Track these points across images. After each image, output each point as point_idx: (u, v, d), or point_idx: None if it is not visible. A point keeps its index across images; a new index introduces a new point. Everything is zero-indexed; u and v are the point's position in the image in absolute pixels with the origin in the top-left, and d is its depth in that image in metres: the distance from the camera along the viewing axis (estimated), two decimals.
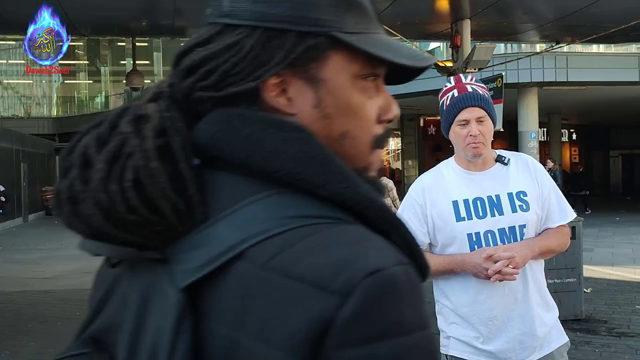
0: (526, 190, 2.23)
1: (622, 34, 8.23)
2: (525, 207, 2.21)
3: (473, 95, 2.22)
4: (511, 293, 2.17)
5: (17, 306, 7.93)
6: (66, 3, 6.56)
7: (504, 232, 2.20)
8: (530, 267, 2.20)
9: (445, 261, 2.23)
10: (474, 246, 2.20)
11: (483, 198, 2.23)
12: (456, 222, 2.21)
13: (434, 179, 2.35)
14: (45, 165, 25.90)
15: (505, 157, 2.29)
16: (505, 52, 15.47)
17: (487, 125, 2.23)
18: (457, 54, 7.33)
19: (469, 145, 2.21)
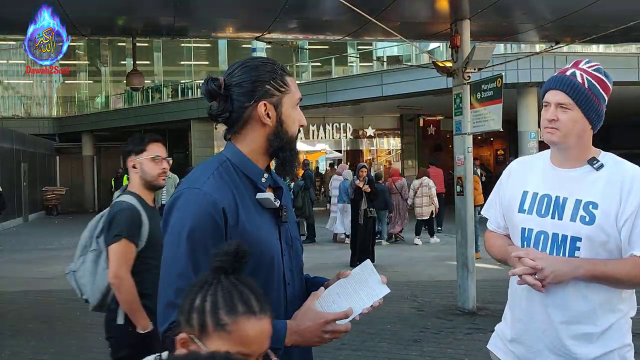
0: (599, 203, 1.96)
1: (622, 34, 8.22)
2: (587, 220, 1.96)
3: (562, 79, 2.01)
4: (543, 306, 2.02)
5: (18, 306, 7.94)
6: (66, 3, 6.56)
7: (556, 239, 2.00)
8: (578, 290, 1.96)
9: (502, 250, 2.19)
10: (524, 242, 2.08)
11: (551, 196, 2.05)
12: (517, 213, 2.12)
13: (521, 165, 2.26)
14: (45, 165, 25.89)
15: (598, 161, 2.03)
16: (505, 52, 15.46)
17: (571, 115, 1.99)
18: (457, 54, 7.32)
19: (544, 129, 2.06)
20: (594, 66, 2.05)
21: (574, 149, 2.04)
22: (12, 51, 25.87)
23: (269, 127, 1.68)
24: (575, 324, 1.99)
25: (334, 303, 1.67)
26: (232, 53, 29.97)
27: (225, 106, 1.67)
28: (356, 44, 22.39)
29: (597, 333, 1.99)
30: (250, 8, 7.42)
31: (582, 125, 2.01)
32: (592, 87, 2.00)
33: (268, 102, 1.66)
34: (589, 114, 2.00)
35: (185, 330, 1.24)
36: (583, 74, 2.01)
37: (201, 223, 1.54)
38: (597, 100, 2.01)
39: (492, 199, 2.30)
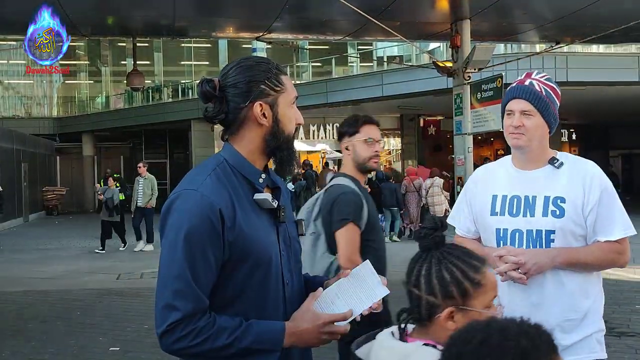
0: (566, 197, 2.16)
1: (622, 34, 8.23)
2: (558, 213, 2.15)
3: (524, 88, 2.23)
4: (527, 297, 2.18)
5: (17, 306, 7.93)
6: (66, 3, 6.56)
7: (531, 234, 2.18)
8: (556, 276, 2.15)
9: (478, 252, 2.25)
10: (500, 242, 2.24)
11: (520, 197, 2.23)
12: (490, 216, 2.28)
13: (485, 172, 2.43)
14: (46, 165, 25.89)
15: (558, 159, 2.24)
16: (505, 52, 15.46)
17: (534, 120, 2.20)
18: (457, 54, 7.32)
19: (510, 135, 2.24)
20: (545, 76, 2.29)
21: (536, 151, 2.24)
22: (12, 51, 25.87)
23: (266, 127, 1.67)
24: (557, 312, 2.15)
25: (332, 304, 1.66)
26: (232, 53, 29.97)
27: (221, 107, 1.67)
28: (356, 44, 22.40)
29: (578, 319, 2.17)
30: (250, 8, 7.42)
31: (543, 129, 2.23)
32: (548, 95, 2.23)
33: (264, 102, 1.66)
34: (548, 118, 2.23)
35: (447, 303, 1.39)
36: (539, 83, 2.23)
37: (198, 225, 1.54)
38: (553, 106, 2.25)
39: (458, 207, 2.47)
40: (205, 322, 1.53)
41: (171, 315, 1.52)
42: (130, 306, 7.76)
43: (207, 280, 1.56)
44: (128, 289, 8.92)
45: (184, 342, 1.52)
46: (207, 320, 1.54)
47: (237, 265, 1.59)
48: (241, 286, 1.61)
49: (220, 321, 1.55)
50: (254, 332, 1.56)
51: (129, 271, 10.49)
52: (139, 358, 5.59)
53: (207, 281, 1.56)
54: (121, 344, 5.99)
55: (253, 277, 1.62)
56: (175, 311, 1.51)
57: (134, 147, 29.62)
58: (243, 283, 1.61)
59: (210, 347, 1.53)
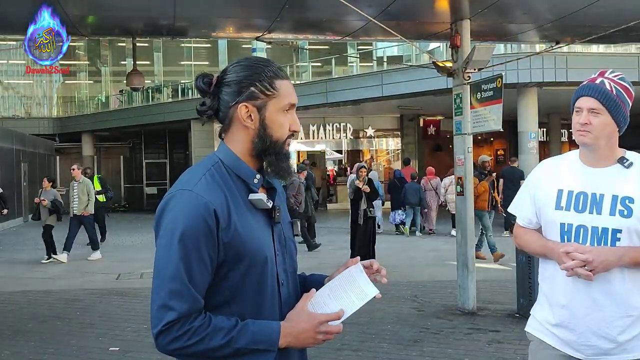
0: (634, 197, 2.19)
1: (622, 34, 8.22)
2: (626, 213, 2.18)
3: (593, 87, 2.26)
4: (588, 292, 2.21)
5: (17, 306, 7.94)
6: (66, 3, 6.55)
7: (596, 232, 2.21)
8: (620, 274, 2.19)
9: (542, 245, 2.35)
10: (564, 236, 2.27)
11: (587, 193, 2.25)
12: (554, 210, 2.30)
13: (551, 165, 2.45)
14: (45, 165, 25.88)
15: (627, 159, 2.27)
16: (505, 52, 15.46)
17: (602, 119, 2.22)
18: (457, 54, 7.32)
19: (577, 132, 2.27)
20: (619, 75, 2.31)
21: (604, 149, 2.26)
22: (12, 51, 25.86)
23: (252, 130, 1.67)
24: (618, 307, 2.20)
25: (325, 305, 1.67)
26: (232, 53, 29.95)
27: (212, 104, 1.68)
28: (356, 44, 22.38)
29: (635, 316, 2.22)
30: (250, 8, 7.42)
31: (611, 128, 2.25)
32: (619, 94, 2.24)
33: (250, 105, 1.65)
34: (617, 117, 2.25)
35: None
36: (611, 82, 2.25)
37: (193, 225, 1.54)
38: (624, 105, 2.26)
39: (521, 197, 2.50)
40: (200, 322, 1.54)
41: (167, 316, 1.52)
42: (130, 306, 7.76)
43: (202, 281, 1.56)
44: (128, 289, 8.92)
45: (179, 342, 1.53)
46: (203, 321, 1.55)
47: (232, 266, 1.59)
48: (237, 286, 1.61)
49: (215, 321, 1.56)
50: (250, 332, 1.57)
51: (129, 271, 10.49)
52: (139, 358, 5.59)
53: (202, 281, 1.56)
54: (121, 344, 5.99)
55: (249, 277, 1.62)
56: (170, 311, 1.52)
57: (134, 147, 29.63)
58: (239, 283, 1.61)
59: (206, 347, 1.54)
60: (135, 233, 17.31)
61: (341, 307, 1.66)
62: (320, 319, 1.61)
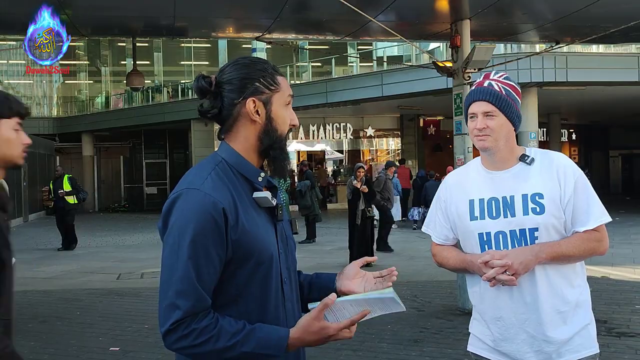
0: (543, 192, 2.17)
1: (622, 34, 8.22)
2: (539, 210, 2.16)
3: (483, 90, 2.23)
4: (520, 297, 2.17)
5: (17, 306, 7.91)
6: (66, 3, 6.56)
7: (515, 234, 2.17)
8: (543, 271, 2.16)
9: (460, 260, 2.29)
10: (485, 246, 2.22)
11: (498, 198, 2.22)
12: (470, 221, 2.25)
13: (458, 177, 2.40)
14: (45, 165, 25.88)
15: (529, 156, 2.24)
16: (505, 52, 15.47)
17: (498, 120, 2.20)
18: (457, 54, 7.32)
19: (475, 137, 2.24)
20: (503, 75, 2.28)
21: (504, 150, 2.23)
22: (12, 51, 25.86)
23: (259, 125, 1.69)
24: (551, 305, 2.16)
25: (347, 315, 1.64)
26: (232, 53, 29.93)
27: (215, 103, 1.69)
28: (356, 44, 22.39)
29: (569, 310, 2.19)
30: (250, 8, 7.42)
31: (507, 128, 2.22)
32: (509, 94, 2.22)
33: (257, 99, 1.68)
34: (511, 117, 2.22)
35: None
36: (498, 83, 2.23)
37: (202, 224, 1.54)
38: (515, 104, 2.24)
39: (433, 215, 2.44)
40: (207, 322, 1.54)
41: (174, 315, 1.52)
42: (130, 306, 7.76)
43: (210, 280, 1.56)
44: (128, 289, 8.92)
45: (186, 341, 1.53)
46: (210, 321, 1.54)
47: (240, 264, 1.60)
48: (244, 284, 1.61)
49: (223, 323, 1.56)
50: (257, 337, 1.56)
51: (129, 271, 10.49)
52: (139, 358, 5.59)
53: (210, 280, 1.56)
54: (121, 344, 5.99)
55: (256, 275, 1.62)
56: (177, 310, 1.52)
57: (134, 147, 29.62)
58: (246, 281, 1.61)
59: (212, 348, 1.54)
60: (135, 233, 17.32)
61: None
62: (330, 333, 1.60)
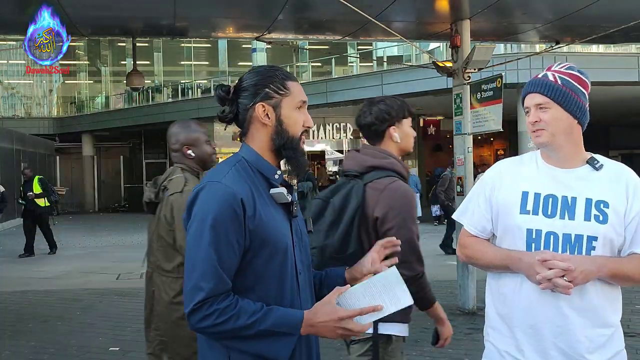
0: (609, 202, 1.96)
1: (622, 35, 8.22)
2: (602, 219, 1.94)
3: (536, 81, 2.06)
4: (558, 308, 1.96)
5: (18, 306, 7.94)
6: (66, 3, 6.56)
7: (569, 239, 1.95)
8: (593, 288, 1.96)
9: (503, 255, 2.04)
10: (532, 244, 1.99)
11: (557, 196, 2.00)
12: (519, 214, 2.02)
13: (512, 165, 2.17)
14: (45, 165, 25.89)
15: (598, 161, 2.04)
16: (505, 52, 15.49)
17: (552, 113, 2.00)
18: (457, 54, 7.32)
19: (531, 133, 2.06)
20: (566, 65, 2.10)
21: (565, 147, 2.04)
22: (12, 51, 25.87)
23: (270, 127, 1.83)
24: (592, 324, 1.97)
25: (357, 302, 1.72)
26: (232, 53, 29.97)
27: (231, 109, 1.86)
28: (356, 44, 22.40)
29: (608, 335, 2.00)
30: (250, 8, 7.42)
31: (567, 121, 2.02)
32: (566, 83, 2.03)
33: (267, 104, 1.82)
34: (570, 109, 2.02)
35: None
36: (555, 73, 2.05)
37: (222, 212, 1.68)
38: (575, 94, 2.04)
39: (473, 202, 2.19)
40: (228, 302, 1.66)
41: (197, 295, 1.65)
42: (130, 306, 7.76)
43: (230, 264, 1.69)
44: (128, 289, 8.93)
45: (209, 320, 1.65)
46: (230, 301, 1.67)
47: (257, 252, 1.72)
48: (261, 272, 1.74)
49: (242, 303, 1.68)
50: (274, 316, 1.68)
51: (129, 271, 10.49)
52: (139, 358, 5.59)
53: (230, 265, 1.69)
54: (121, 344, 5.99)
55: (271, 263, 1.74)
56: (201, 291, 1.65)
57: (134, 147, 29.64)
58: (263, 269, 1.74)
59: (232, 326, 1.65)
60: (135, 233, 17.32)
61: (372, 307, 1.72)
62: (340, 315, 1.68)
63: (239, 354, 1.70)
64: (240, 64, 30.10)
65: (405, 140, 2.79)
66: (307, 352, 1.81)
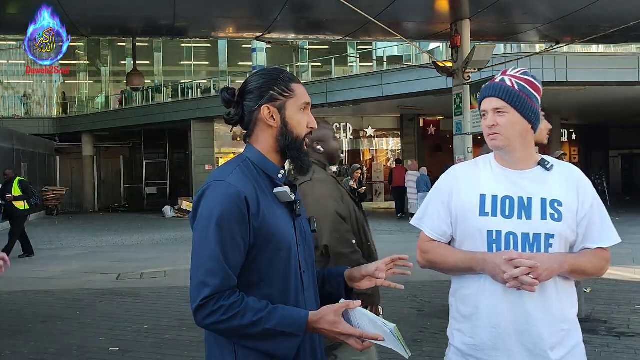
0: (562, 201, 2.06)
1: (622, 34, 8.24)
2: (557, 217, 2.04)
3: (494, 86, 2.13)
4: (521, 307, 2.03)
5: (17, 306, 7.93)
6: (66, 3, 6.56)
7: (527, 238, 2.04)
8: (554, 284, 2.04)
9: (467, 258, 2.10)
10: (492, 245, 2.06)
11: (513, 198, 2.08)
12: (478, 217, 2.08)
13: (467, 169, 2.24)
14: (46, 165, 25.88)
15: (549, 162, 2.14)
16: (505, 52, 15.46)
17: (509, 117, 2.08)
18: (457, 54, 7.33)
19: (487, 136, 2.13)
20: (521, 70, 2.17)
21: (519, 150, 2.12)
22: (12, 51, 25.87)
23: (275, 128, 1.87)
24: (553, 320, 2.05)
25: (362, 324, 1.73)
26: (232, 53, 29.95)
27: (237, 111, 1.89)
28: (356, 44, 22.40)
29: (567, 329, 2.08)
30: (250, 8, 7.42)
31: (522, 126, 2.10)
32: (522, 89, 2.10)
33: (272, 106, 1.86)
34: (525, 113, 2.09)
35: None
36: (512, 78, 2.12)
37: (227, 210, 1.72)
38: (530, 100, 2.11)
39: (432, 206, 2.24)
40: (234, 299, 1.69)
41: (203, 291, 1.68)
42: (130, 306, 7.76)
43: (236, 261, 1.72)
44: (128, 289, 8.92)
45: (215, 316, 1.67)
46: (237, 298, 1.69)
47: (261, 249, 1.76)
48: (265, 269, 1.77)
49: (248, 300, 1.71)
50: (280, 314, 1.70)
51: (129, 271, 10.49)
52: (139, 358, 5.59)
53: (236, 261, 1.72)
54: (121, 344, 5.99)
55: (276, 261, 1.78)
56: (206, 288, 1.68)
57: (134, 147, 29.63)
58: (267, 266, 1.77)
59: (238, 323, 1.67)
60: (135, 233, 17.32)
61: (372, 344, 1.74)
62: (340, 330, 1.70)
63: (245, 351, 1.73)
64: (240, 64, 30.09)
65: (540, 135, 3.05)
66: (311, 350, 1.82)
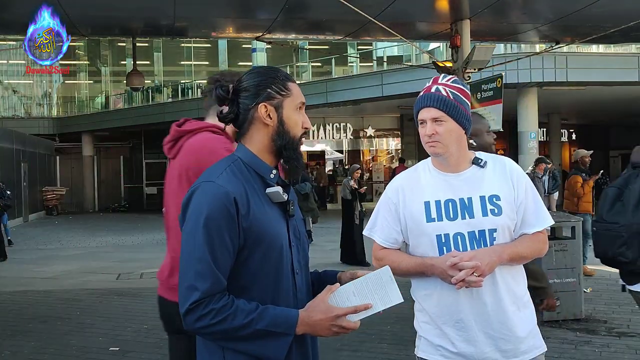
0: (500, 194, 2.21)
1: (622, 34, 8.24)
2: (497, 212, 2.19)
3: (431, 96, 2.23)
4: (480, 298, 2.18)
5: (18, 306, 7.94)
6: (66, 3, 6.56)
7: (474, 236, 2.19)
8: (499, 272, 2.18)
9: (417, 263, 2.24)
10: (443, 248, 2.20)
11: (455, 200, 2.22)
12: (426, 223, 2.23)
13: (409, 179, 2.36)
14: (46, 165, 25.88)
15: (481, 159, 2.28)
16: (505, 52, 15.46)
17: (447, 126, 2.20)
18: (457, 54, 7.33)
19: (426, 144, 2.25)
20: (452, 78, 2.29)
21: (456, 154, 2.25)
22: (12, 51, 25.87)
23: (271, 128, 1.83)
24: (506, 303, 2.20)
25: (348, 300, 1.74)
26: (232, 53, 29.97)
27: (232, 109, 1.85)
28: (356, 44, 22.40)
29: (521, 306, 2.25)
30: (250, 8, 7.42)
31: (458, 132, 2.23)
32: (456, 97, 2.23)
33: (269, 104, 1.82)
34: (460, 121, 2.23)
35: None
36: (445, 88, 2.23)
37: (215, 211, 1.69)
38: (464, 107, 2.24)
39: (379, 217, 2.38)
40: (224, 302, 1.66)
41: (193, 295, 1.65)
42: (130, 306, 7.76)
43: (225, 263, 1.69)
44: (128, 289, 8.92)
45: (204, 320, 1.65)
46: (226, 301, 1.67)
47: (251, 251, 1.73)
48: (256, 271, 1.74)
49: (238, 303, 1.68)
50: (270, 315, 1.68)
51: (129, 271, 10.49)
52: (139, 358, 5.59)
53: (225, 263, 1.69)
54: (121, 344, 5.99)
55: (267, 262, 1.75)
56: (196, 291, 1.65)
57: (134, 147, 29.62)
58: (258, 268, 1.74)
59: (228, 326, 1.65)
60: (135, 233, 17.32)
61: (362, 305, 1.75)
62: (336, 313, 1.71)
63: (234, 354, 1.71)
64: (240, 64, 30.09)
65: None
66: (301, 352, 1.79)
